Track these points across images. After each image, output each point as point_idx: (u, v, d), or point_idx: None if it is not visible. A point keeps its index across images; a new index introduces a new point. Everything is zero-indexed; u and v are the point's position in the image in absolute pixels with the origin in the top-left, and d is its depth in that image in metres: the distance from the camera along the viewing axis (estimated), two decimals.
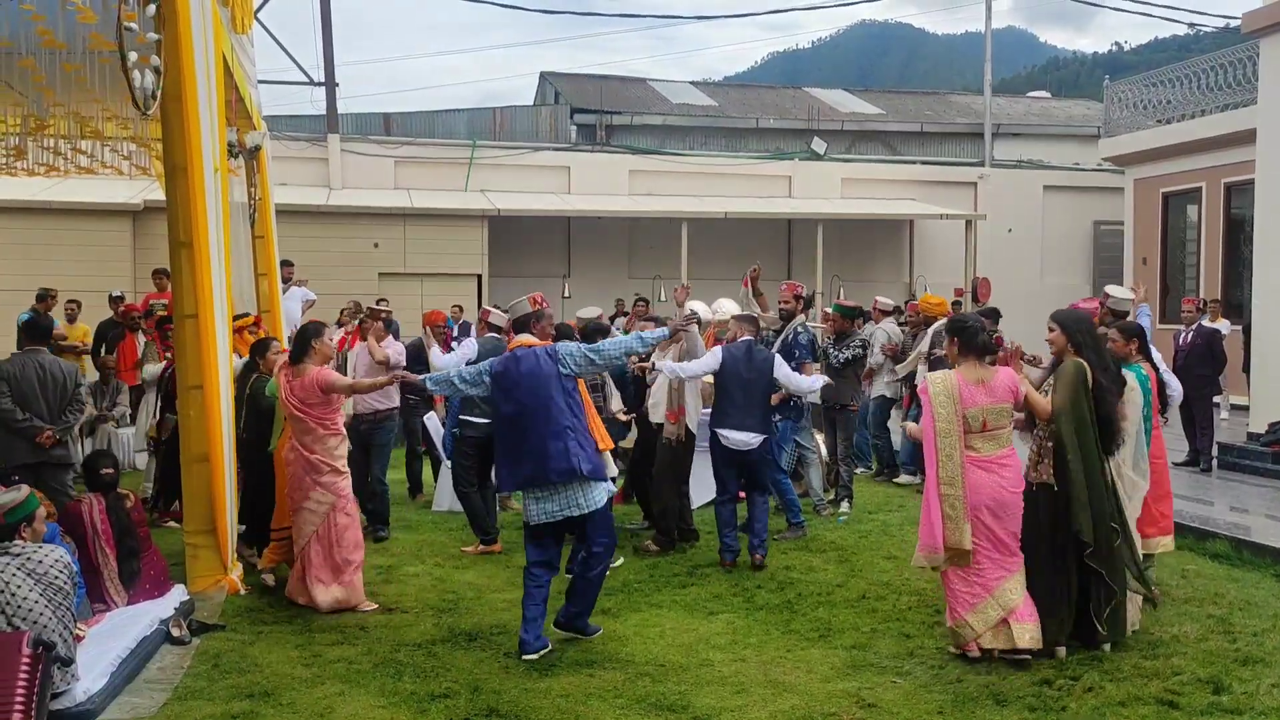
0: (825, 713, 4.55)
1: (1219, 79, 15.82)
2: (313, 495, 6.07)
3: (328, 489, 6.08)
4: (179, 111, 6.07)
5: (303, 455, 6.07)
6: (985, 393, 5.12)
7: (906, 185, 21.81)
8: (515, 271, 18.89)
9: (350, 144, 19.76)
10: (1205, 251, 16.23)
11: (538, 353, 5.48)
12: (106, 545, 5.69)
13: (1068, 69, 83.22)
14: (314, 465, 6.06)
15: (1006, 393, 5.16)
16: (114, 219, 15.80)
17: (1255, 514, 8.59)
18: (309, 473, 6.07)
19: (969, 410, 5.10)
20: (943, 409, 5.12)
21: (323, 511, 6.07)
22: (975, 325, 5.25)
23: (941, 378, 5.22)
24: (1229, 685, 4.80)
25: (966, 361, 5.21)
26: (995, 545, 5.13)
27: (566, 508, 5.33)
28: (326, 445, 6.11)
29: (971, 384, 5.13)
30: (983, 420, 5.11)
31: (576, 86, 24.01)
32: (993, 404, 5.12)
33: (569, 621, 5.53)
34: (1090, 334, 5.37)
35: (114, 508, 5.85)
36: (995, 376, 5.17)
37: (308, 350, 6.12)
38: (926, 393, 5.21)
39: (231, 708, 4.58)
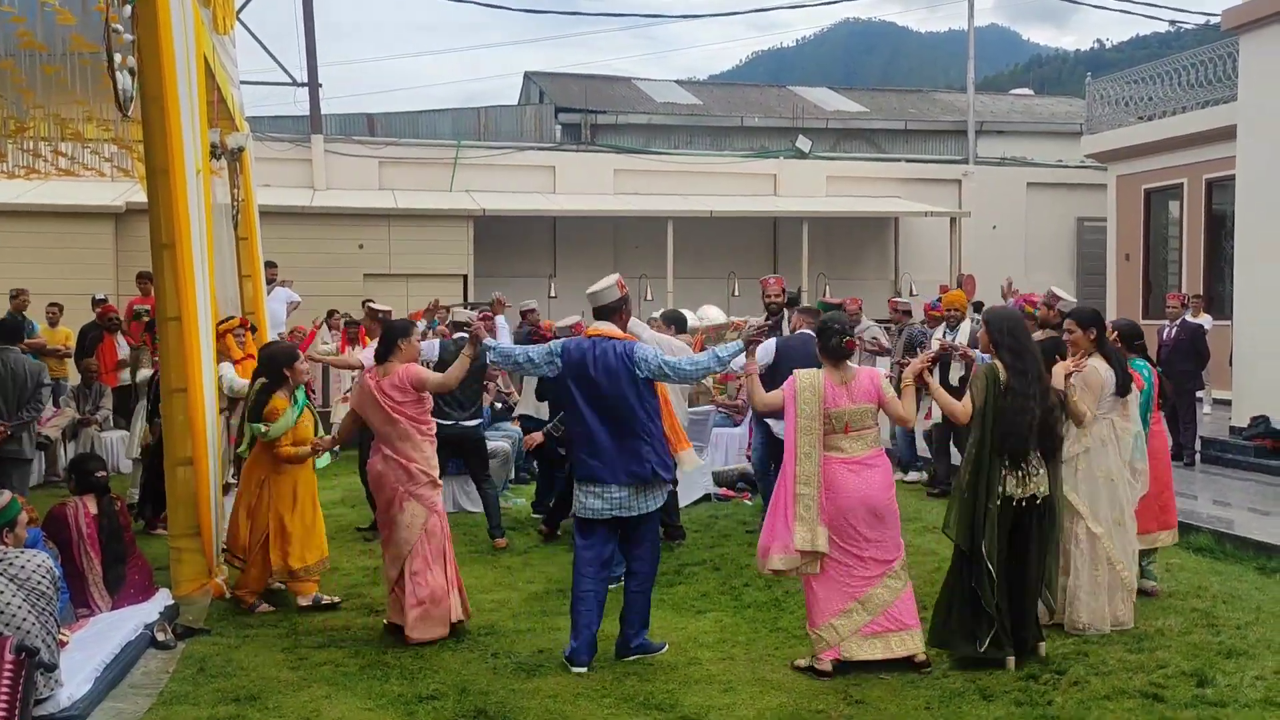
0: (813, 710, 4.56)
1: (1200, 75, 15.92)
2: (407, 507, 5.54)
3: (422, 502, 5.57)
4: (160, 113, 6.02)
5: (400, 465, 5.54)
6: (847, 394, 5.05)
7: (891, 183, 21.87)
8: (501, 272, 18.85)
9: (334, 145, 19.69)
10: (1187, 247, 16.33)
11: (616, 348, 5.14)
12: (91, 549, 5.64)
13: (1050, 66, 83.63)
14: (413, 475, 5.55)
15: (867, 395, 5.10)
16: (96, 221, 15.69)
17: (1238, 508, 8.66)
18: (406, 483, 5.54)
19: (832, 410, 5.02)
20: (806, 406, 5.02)
21: (417, 526, 5.54)
22: (831, 328, 5.14)
23: (809, 375, 5.11)
24: (1213, 678, 4.82)
25: (827, 363, 5.13)
26: (864, 549, 5.02)
27: (617, 508, 5.13)
28: (425, 452, 5.62)
29: (836, 385, 5.06)
30: (845, 421, 5.04)
31: (561, 86, 23.98)
32: (854, 405, 5.05)
33: (628, 649, 5.23)
34: (1010, 333, 5.19)
35: (106, 511, 5.80)
36: (855, 378, 5.11)
37: (394, 349, 5.68)
38: (791, 389, 5.09)
39: (217, 712, 4.56)
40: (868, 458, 5.09)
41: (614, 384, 5.08)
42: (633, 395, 5.08)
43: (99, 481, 5.97)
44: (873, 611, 5.02)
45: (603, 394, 5.08)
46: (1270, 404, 10.55)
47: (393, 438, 5.56)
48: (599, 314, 5.34)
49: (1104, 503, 5.64)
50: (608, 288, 5.36)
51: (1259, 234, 10.85)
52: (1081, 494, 5.62)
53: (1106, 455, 5.67)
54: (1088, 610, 5.54)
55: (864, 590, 5.02)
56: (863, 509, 5.01)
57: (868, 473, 5.06)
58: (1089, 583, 5.55)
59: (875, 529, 5.05)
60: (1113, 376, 5.69)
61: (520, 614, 6.08)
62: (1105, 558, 5.57)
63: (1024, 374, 5.11)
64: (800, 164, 21.79)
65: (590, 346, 5.17)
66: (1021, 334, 5.24)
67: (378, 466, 5.60)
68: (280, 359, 6.22)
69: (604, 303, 5.33)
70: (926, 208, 20.52)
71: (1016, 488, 5.10)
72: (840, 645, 5.00)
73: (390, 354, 5.66)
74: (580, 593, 5.17)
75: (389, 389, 5.57)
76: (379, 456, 5.61)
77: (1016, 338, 5.21)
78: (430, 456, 5.62)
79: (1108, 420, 5.70)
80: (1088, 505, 5.61)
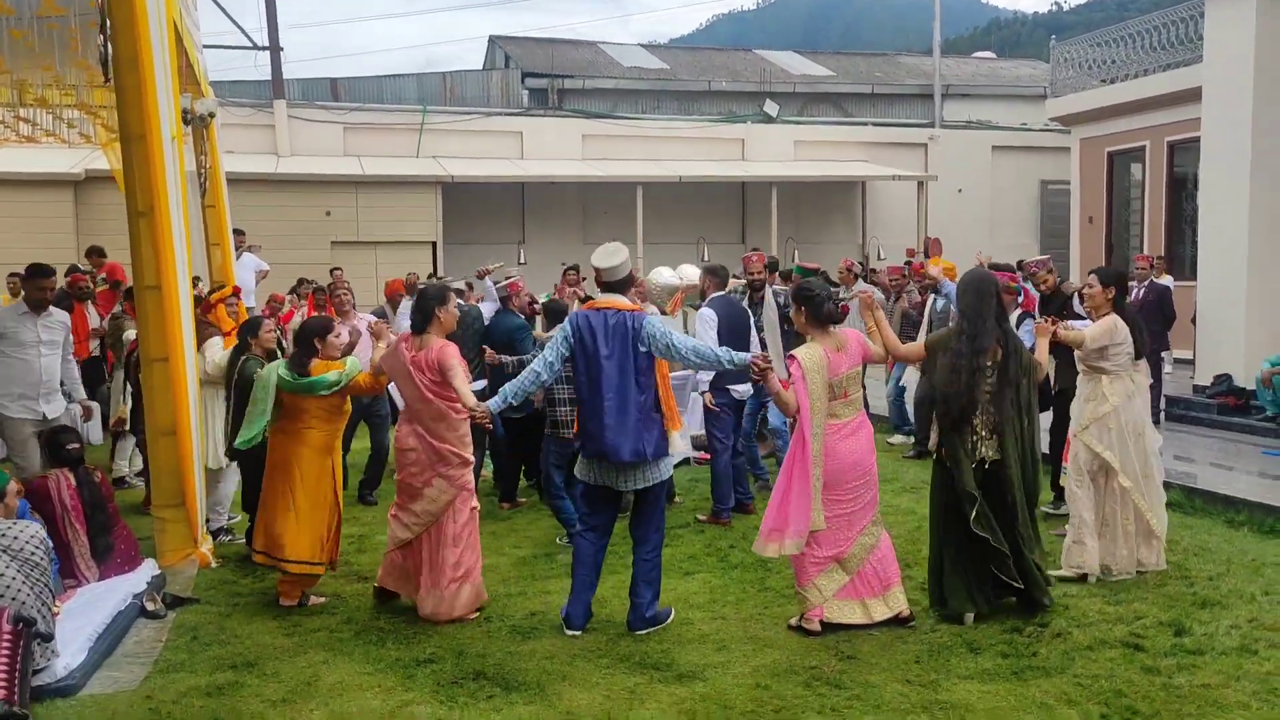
0: (806, 665, 4.65)
1: (1163, 38, 16.07)
2: (436, 483, 5.34)
3: (452, 482, 5.35)
4: (136, 78, 5.92)
5: (430, 445, 5.32)
6: (845, 358, 5.10)
7: (858, 147, 21.96)
8: (470, 238, 18.76)
9: (297, 110, 19.41)
10: (1149, 209, 16.56)
11: (627, 320, 5.08)
12: (76, 521, 5.59)
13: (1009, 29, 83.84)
14: (443, 456, 5.33)
15: (858, 355, 5.19)
16: (55, 189, 15.42)
17: (1201, 463, 8.87)
18: (436, 464, 5.33)
19: (834, 379, 5.05)
20: (815, 385, 5.03)
21: (444, 502, 5.34)
22: (822, 294, 5.17)
23: (810, 351, 5.09)
24: (1190, 628, 4.98)
25: (817, 330, 5.15)
26: (849, 508, 5.10)
27: (628, 480, 5.12)
28: (458, 432, 5.36)
29: (834, 352, 5.09)
30: (844, 388, 5.10)
31: (526, 50, 23.75)
32: (851, 369, 5.12)
33: (641, 621, 5.14)
34: (975, 294, 5.24)
35: (84, 482, 5.74)
36: (847, 341, 5.17)
37: (431, 319, 5.35)
38: (801, 371, 5.07)
39: (215, 679, 4.57)
40: (856, 422, 5.17)
41: (622, 356, 5.04)
42: (640, 368, 5.05)
43: (71, 454, 5.86)
44: (851, 570, 5.12)
45: (611, 366, 5.03)
46: (1232, 363, 10.80)
47: (425, 417, 5.34)
48: (610, 287, 5.25)
49: (1132, 456, 5.85)
50: (622, 263, 5.26)
51: (1222, 195, 11.04)
52: (1115, 450, 5.82)
53: (1133, 409, 5.87)
54: (1113, 557, 5.78)
55: (846, 549, 5.12)
56: (854, 472, 5.10)
57: (855, 437, 5.14)
58: (1119, 531, 5.79)
59: (861, 489, 5.14)
60: (1129, 336, 5.83)
61: (510, 578, 6.12)
62: (1134, 508, 5.82)
63: (970, 336, 5.18)
64: (768, 129, 21.80)
65: (601, 318, 5.11)
66: (986, 299, 5.23)
67: (409, 441, 5.38)
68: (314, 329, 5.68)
69: (617, 277, 5.25)
70: (893, 171, 20.65)
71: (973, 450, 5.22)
72: (824, 605, 5.10)
73: (428, 324, 5.36)
74: (582, 557, 5.20)
75: (426, 366, 5.29)
76: (410, 429, 5.38)
77: (972, 302, 5.24)
78: (465, 435, 5.40)
79: (1127, 376, 5.88)
80: (1119, 461, 5.83)
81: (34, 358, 6.83)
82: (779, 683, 4.46)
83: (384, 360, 5.58)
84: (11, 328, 6.83)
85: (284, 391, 5.51)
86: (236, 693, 4.43)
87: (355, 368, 5.63)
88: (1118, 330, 5.80)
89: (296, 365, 5.51)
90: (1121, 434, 5.83)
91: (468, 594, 5.35)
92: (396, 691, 4.43)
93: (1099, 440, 5.83)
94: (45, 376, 6.89)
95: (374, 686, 4.49)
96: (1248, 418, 10.25)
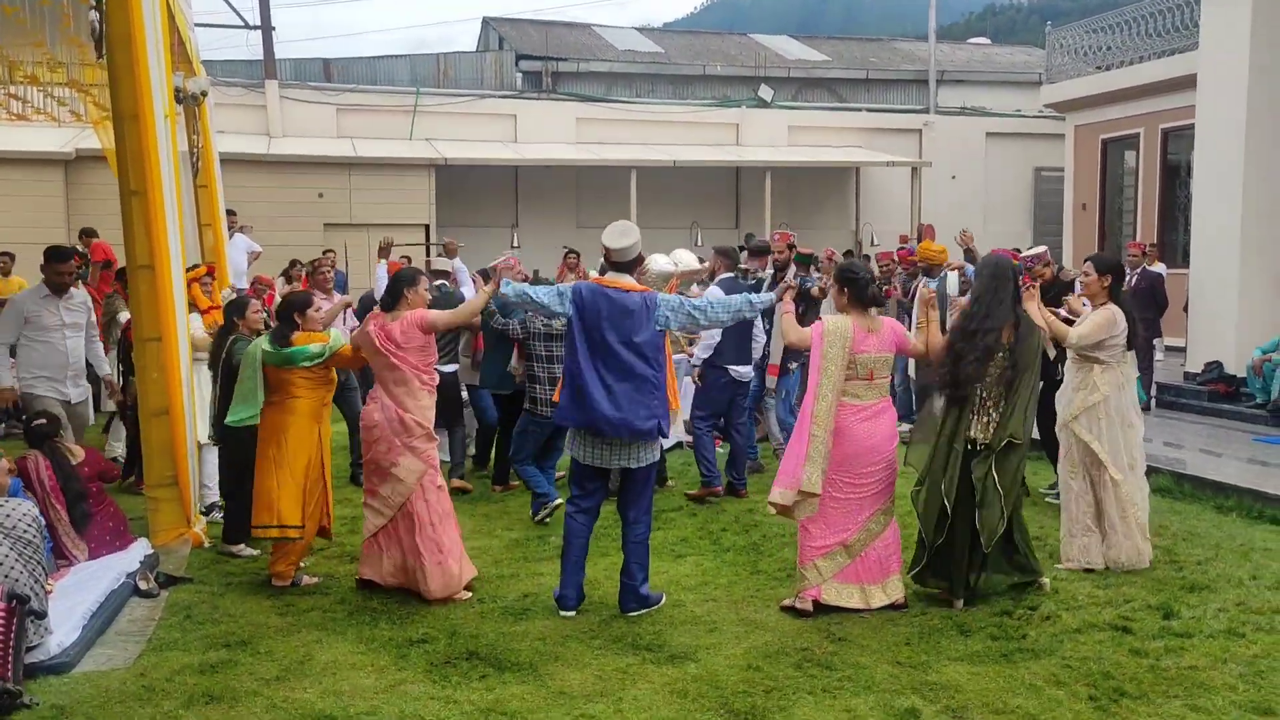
0: (797, 647, 4.68)
1: (1159, 24, 16.06)
2: (402, 461, 5.36)
3: (419, 455, 5.38)
4: (128, 57, 5.89)
5: (396, 413, 5.34)
6: (876, 340, 5.13)
7: (853, 133, 21.92)
8: (463, 221, 18.70)
9: (290, 91, 19.29)
10: (1142, 197, 16.59)
11: (635, 296, 5.09)
12: (57, 501, 5.55)
13: (1005, 15, 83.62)
14: (407, 426, 5.34)
15: (891, 344, 5.21)
16: (45, 168, 15.32)
17: (1190, 449, 8.92)
18: (400, 434, 5.35)
19: (859, 355, 5.09)
20: (833, 349, 5.08)
21: (412, 481, 5.37)
22: (865, 277, 5.23)
23: (836, 320, 5.18)
24: (1178, 611, 5.02)
25: (856, 311, 5.19)
26: (863, 491, 5.14)
27: (622, 458, 5.11)
28: (421, 402, 5.42)
29: (863, 331, 5.13)
30: (870, 369, 5.12)
31: (520, 32, 23.63)
32: (880, 353, 5.14)
33: (634, 601, 5.17)
34: (985, 279, 5.32)
35: (54, 458, 5.68)
36: (883, 326, 5.21)
37: (400, 299, 5.50)
38: (819, 331, 5.15)
39: (209, 657, 4.58)
40: (879, 406, 5.18)
41: (631, 334, 5.02)
42: (649, 346, 5.04)
43: (39, 430, 5.81)
44: (853, 554, 5.15)
45: (616, 342, 5.01)
46: (1223, 350, 10.85)
47: (390, 383, 5.41)
48: (618, 266, 5.23)
49: (1121, 448, 5.80)
50: (633, 244, 5.23)
51: (1215, 183, 11.06)
52: (1104, 442, 5.76)
53: (1123, 399, 5.82)
54: (1126, 552, 5.71)
55: (852, 534, 5.15)
56: (869, 455, 5.12)
57: (875, 420, 5.15)
58: (1121, 525, 5.73)
59: (874, 475, 5.16)
60: (1125, 327, 5.77)
61: (502, 560, 6.14)
62: (1126, 500, 5.75)
63: (982, 316, 5.20)
64: (762, 113, 21.75)
65: (609, 294, 5.10)
66: (1002, 281, 5.29)
67: (375, 416, 5.43)
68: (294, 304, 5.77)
69: (627, 258, 5.23)
70: (887, 157, 20.63)
71: (976, 431, 5.24)
72: (821, 586, 5.12)
73: (397, 303, 5.50)
74: (573, 538, 5.22)
75: (395, 335, 5.40)
76: (376, 405, 5.45)
77: (997, 279, 5.29)
78: (427, 408, 5.46)
79: (1118, 366, 5.82)
80: (1109, 454, 5.76)
81: (58, 340, 6.89)
82: (770, 664, 4.49)
83: (357, 336, 5.67)
84: (34, 312, 6.87)
85: (268, 365, 5.57)
86: (229, 671, 4.44)
87: (339, 339, 5.69)
88: (1116, 323, 5.72)
89: (278, 338, 5.57)
90: (1111, 424, 5.78)
91: (455, 571, 5.37)
92: (389, 671, 4.45)
93: (1088, 430, 5.78)
94: (71, 359, 6.97)
95: (367, 666, 4.51)
96: (1238, 405, 10.30)
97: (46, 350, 6.85)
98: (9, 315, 6.98)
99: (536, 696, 4.19)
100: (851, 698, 4.15)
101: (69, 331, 6.96)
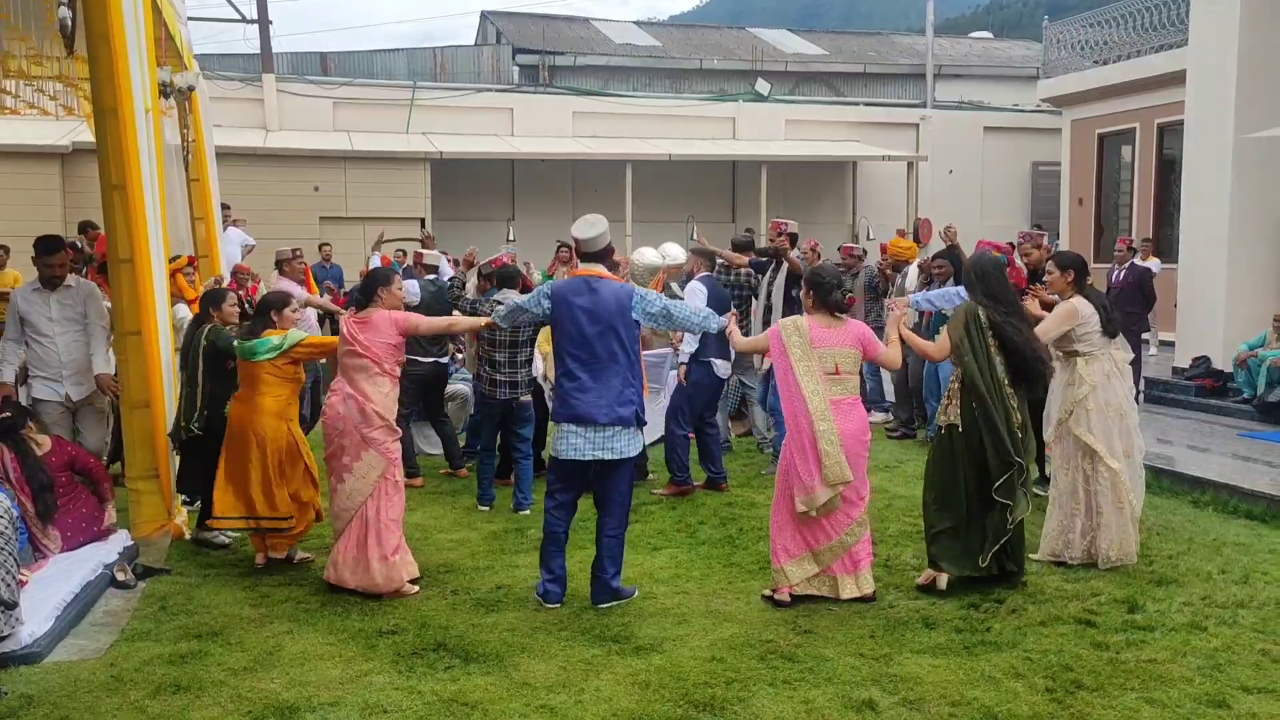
0: (763, 640, 4.72)
1: (1154, 19, 16.04)
2: (364, 457, 5.35)
3: (380, 451, 5.37)
4: (107, 50, 5.92)
5: (356, 403, 5.33)
6: (835, 335, 5.18)
7: (849, 127, 21.92)
8: (459, 215, 18.76)
9: (286, 84, 19.35)
10: (1138, 191, 16.58)
11: (613, 287, 5.16)
12: (21, 493, 5.53)
13: (1011, 9, 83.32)
14: (368, 416, 5.34)
15: (854, 340, 5.23)
16: (41, 162, 15.40)
17: (1178, 445, 8.93)
18: (361, 425, 5.34)
19: (817, 350, 5.13)
20: (796, 348, 5.14)
21: (374, 478, 5.37)
22: (831, 282, 5.26)
23: (791, 320, 5.27)
24: (1143, 605, 5.06)
25: (819, 313, 5.25)
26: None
27: (600, 449, 5.13)
28: (383, 389, 5.41)
29: (821, 327, 5.18)
30: (835, 363, 5.15)
31: (518, 26, 23.65)
32: (843, 347, 5.17)
33: (605, 594, 5.23)
34: (978, 274, 5.41)
35: (21, 450, 5.66)
36: (844, 324, 5.25)
37: (374, 298, 5.54)
38: (776, 331, 5.22)
39: (179, 648, 4.63)
40: (847, 399, 5.19)
41: (606, 323, 5.08)
42: (624, 336, 5.10)
43: (4, 423, 5.75)
44: (823, 563, 5.19)
45: (593, 333, 5.08)
46: (1210, 345, 10.86)
47: (351, 370, 5.43)
48: (588, 257, 5.30)
49: (1116, 437, 5.79)
50: (600, 234, 5.29)
51: (1204, 178, 11.06)
52: (1097, 433, 5.74)
53: (1113, 389, 5.81)
54: (1118, 546, 5.70)
55: (823, 543, 5.18)
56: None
57: (846, 415, 5.15)
58: (1115, 517, 5.71)
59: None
60: (1095, 314, 5.80)
61: (479, 553, 6.18)
62: (1123, 491, 5.74)
63: (1001, 303, 5.33)
64: (759, 107, 21.75)
65: (583, 285, 5.16)
66: (988, 275, 5.41)
67: (337, 408, 5.42)
68: (272, 303, 5.89)
69: (596, 248, 5.30)
70: (884, 152, 20.62)
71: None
72: (793, 586, 5.19)
73: (370, 301, 5.55)
74: (552, 532, 5.24)
75: (367, 330, 5.42)
76: (338, 396, 5.44)
77: (983, 278, 5.40)
78: (389, 396, 5.45)
79: (1106, 355, 5.84)
80: (1104, 443, 5.74)
81: (49, 337, 6.56)
82: (734, 655, 4.53)
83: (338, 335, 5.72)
84: (24, 309, 6.58)
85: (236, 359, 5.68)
86: (199, 661, 4.49)
87: (296, 335, 5.73)
88: (1076, 314, 5.75)
89: (247, 334, 5.67)
90: (1102, 415, 5.75)
91: (401, 568, 5.39)
92: (356, 661, 4.50)
93: (1079, 424, 5.75)
94: (66, 357, 6.57)
95: (335, 656, 4.55)
96: (1225, 400, 10.32)
97: (40, 348, 6.58)
98: (9, 311, 6.75)
99: (499, 687, 4.23)
100: (811, 689, 4.19)
101: (59, 327, 6.58)
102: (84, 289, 6.81)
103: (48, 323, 6.59)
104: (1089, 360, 5.81)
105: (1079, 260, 6.06)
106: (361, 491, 5.38)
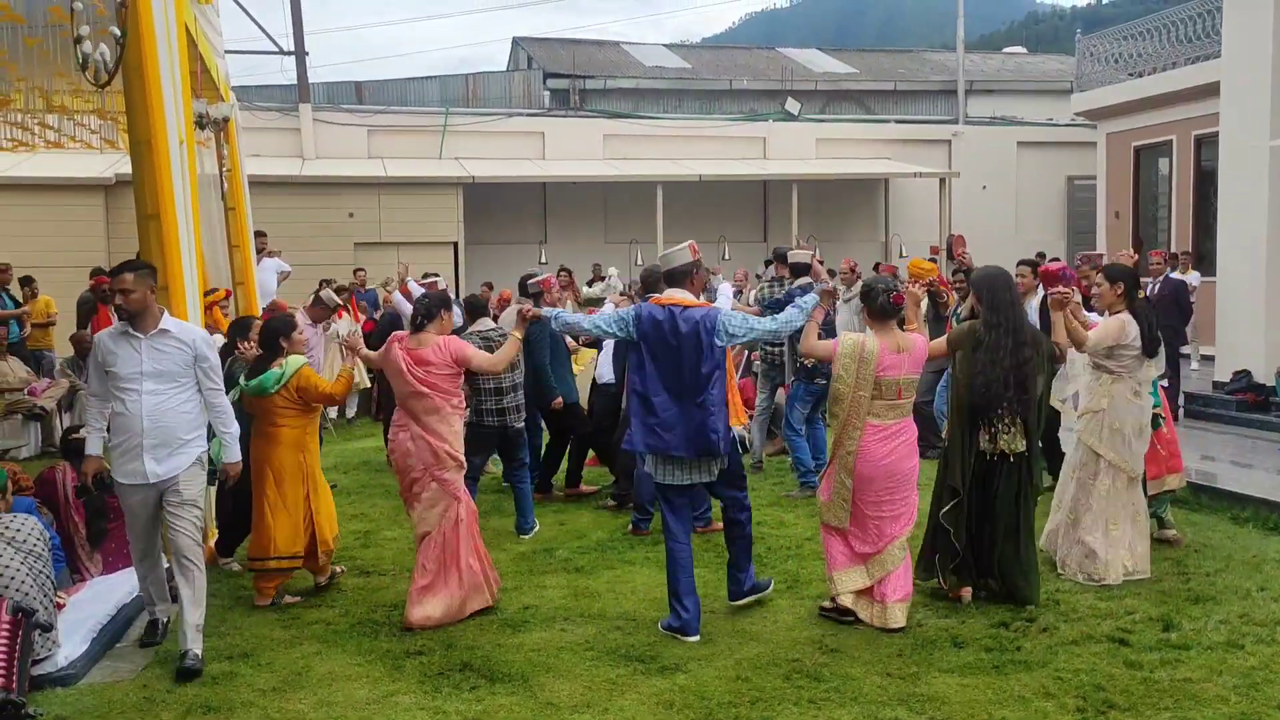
0: (789, 659, 4.70)
1: (1189, 31, 15.88)
2: (429, 490, 5.32)
3: (445, 487, 5.33)
4: (141, 83, 6.07)
5: (427, 444, 5.28)
6: (909, 361, 5.08)
7: (881, 144, 21.87)
8: (492, 239, 18.94)
9: (322, 113, 19.66)
10: (1176, 204, 16.36)
11: (697, 317, 4.99)
12: (76, 513, 5.69)
13: (1046, 23, 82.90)
14: (439, 456, 5.29)
15: (921, 362, 5.17)
16: (86, 193, 15.73)
17: (1221, 461, 8.79)
18: (432, 465, 5.29)
19: (883, 377, 5.02)
20: (846, 371, 5.06)
21: (435, 513, 5.34)
22: (877, 289, 5.17)
23: (855, 340, 5.11)
24: (1178, 623, 4.97)
25: (881, 327, 5.15)
26: (881, 512, 5.10)
27: (696, 474, 5.12)
28: (455, 429, 5.36)
29: (892, 351, 5.06)
30: (898, 389, 5.06)
31: (549, 51, 23.88)
32: (909, 374, 5.09)
33: (743, 590, 5.35)
34: (988, 291, 5.34)
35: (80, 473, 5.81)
36: (914, 345, 5.15)
37: (435, 319, 5.47)
38: (834, 348, 5.17)
39: (211, 669, 4.69)
40: (898, 426, 5.11)
41: (696, 354, 4.96)
42: (708, 365, 4.97)
43: (73, 445, 5.91)
44: (874, 576, 5.14)
45: (679, 364, 4.97)
46: (1251, 359, 10.67)
47: (419, 412, 5.32)
48: (671, 280, 5.18)
49: (1135, 452, 5.74)
50: (680, 251, 5.19)
51: (1242, 191, 10.91)
52: (1109, 446, 5.70)
53: (1129, 412, 5.71)
54: (1132, 557, 5.67)
55: (869, 557, 5.14)
56: (883, 477, 5.07)
57: (894, 440, 5.09)
58: (1131, 530, 5.68)
59: (893, 497, 5.11)
60: (1138, 336, 5.69)
61: (507, 573, 6.19)
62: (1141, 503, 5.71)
63: (996, 328, 5.25)
64: (789, 126, 21.76)
65: (667, 314, 5.03)
66: (1000, 292, 5.36)
67: (406, 444, 5.34)
68: (278, 329, 5.85)
69: (676, 266, 5.17)
70: (916, 169, 20.53)
71: (988, 443, 5.26)
72: (841, 596, 5.17)
73: (430, 322, 5.47)
74: (679, 559, 5.13)
75: (421, 360, 5.33)
76: (407, 434, 5.36)
77: (994, 294, 5.35)
78: (459, 432, 5.42)
79: (1129, 379, 5.72)
80: (1116, 454, 5.70)
81: (135, 397, 4.74)
82: (759, 675, 4.51)
83: (380, 357, 5.61)
84: (111, 358, 4.79)
85: (247, 396, 5.62)
86: (229, 682, 4.55)
87: (295, 364, 5.64)
88: (1126, 330, 5.65)
89: (255, 371, 5.65)
90: (1115, 430, 5.70)
91: (476, 600, 5.41)
92: (383, 682, 4.53)
93: (1092, 434, 5.73)
94: (148, 423, 4.73)
95: (362, 677, 4.59)
96: (1267, 414, 10.12)
97: (122, 410, 4.77)
98: (91, 359, 5.32)
99: (524, 707, 4.24)
100: (836, 709, 4.16)
101: (149, 383, 4.75)
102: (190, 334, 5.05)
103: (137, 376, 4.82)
104: (1116, 380, 5.74)
105: (1130, 273, 5.96)
106: (428, 520, 5.36)
